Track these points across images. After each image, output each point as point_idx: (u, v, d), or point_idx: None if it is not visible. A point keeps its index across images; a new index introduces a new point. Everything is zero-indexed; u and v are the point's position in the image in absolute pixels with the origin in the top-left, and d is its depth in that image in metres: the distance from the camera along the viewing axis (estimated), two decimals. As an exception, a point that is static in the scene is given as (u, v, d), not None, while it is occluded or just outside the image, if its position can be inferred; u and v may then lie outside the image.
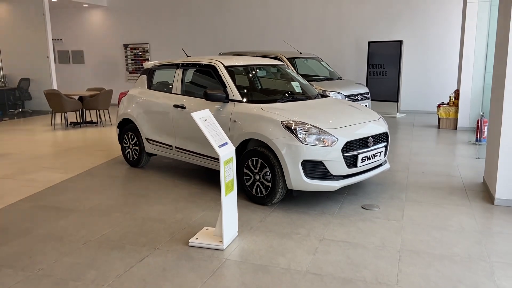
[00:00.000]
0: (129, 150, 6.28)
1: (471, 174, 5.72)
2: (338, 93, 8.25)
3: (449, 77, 11.41)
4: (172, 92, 5.65)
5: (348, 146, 4.35)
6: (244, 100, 4.83)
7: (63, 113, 10.02)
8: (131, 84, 14.89)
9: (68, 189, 5.27)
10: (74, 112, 11.14)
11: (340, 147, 4.27)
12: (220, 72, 5.10)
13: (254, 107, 4.68)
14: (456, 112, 9.12)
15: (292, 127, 4.27)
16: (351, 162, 4.40)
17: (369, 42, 11.40)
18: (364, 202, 4.65)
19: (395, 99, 11.18)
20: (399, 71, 11.11)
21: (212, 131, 3.57)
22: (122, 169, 6.19)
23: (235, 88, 4.92)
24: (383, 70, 11.33)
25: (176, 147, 5.52)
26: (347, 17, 12.12)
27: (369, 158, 4.55)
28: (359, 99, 8.64)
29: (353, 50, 12.23)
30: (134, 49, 14.64)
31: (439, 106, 9.37)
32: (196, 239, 3.66)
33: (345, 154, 4.31)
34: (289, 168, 4.25)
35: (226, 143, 3.64)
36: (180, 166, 6.27)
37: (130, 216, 4.34)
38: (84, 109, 10.29)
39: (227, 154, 3.56)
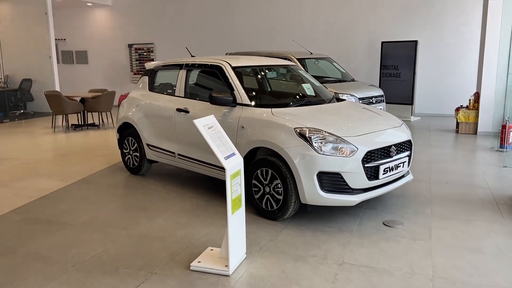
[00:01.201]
0: (129, 156, 5.88)
1: (500, 185, 5.24)
2: (352, 95, 7.80)
3: (467, 79, 10.90)
4: (175, 94, 5.24)
5: (369, 156, 3.91)
6: (253, 104, 4.41)
7: (64, 115, 9.67)
8: (135, 85, 14.51)
9: (63, 199, 4.88)
10: (76, 114, 10.78)
11: (360, 158, 3.83)
12: (227, 73, 4.67)
13: (264, 112, 4.25)
14: (476, 116, 8.62)
15: (307, 135, 3.83)
16: (372, 173, 3.96)
17: (382, 42, 10.93)
18: (385, 217, 4.20)
19: (410, 101, 10.70)
20: (414, 73, 10.62)
21: (218, 140, 3.14)
22: (121, 176, 5.79)
23: (243, 91, 4.49)
24: (397, 71, 10.85)
25: (179, 154, 5.10)
26: (359, 16, 11.66)
27: (391, 169, 4.10)
28: (374, 102, 8.18)
29: (365, 50, 11.76)
30: (139, 49, 14.28)
31: (457, 109, 8.88)
32: (198, 262, 3.24)
33: (365, 165, 3.87)
34: (303, 180, 3.81)
35: (233, 154, 3.21)
36: (183, 173, 5.85)
37: (126, 233, 3.92)
38: (85, 111, 9.93)
39: (234, 166, 3.14)
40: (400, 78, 10.84)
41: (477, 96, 8.80)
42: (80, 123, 10.09)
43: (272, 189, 4.07)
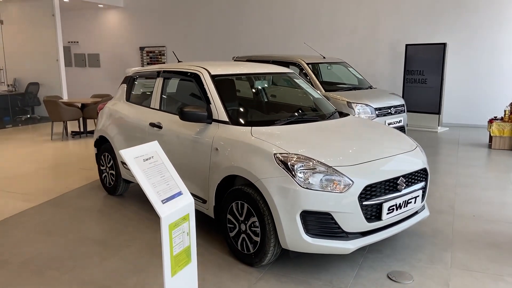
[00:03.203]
0: (106, 174, 5.21)
1: (541, 220, 4.27)
2: (367, 105, 6.90)
3: (502, 86, 9.74)
4: (150, 106, 4.53)
5: (369, 191, 3.06)
6: (232, 121, 3.63)
7: (63, 122, 9.17)
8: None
9: (17, 227, 4.23)
10: (77, 121, 10.29)
11: (356, 193, 2.99)
12: (204, 83, 3.92)
13: (242, 132, 3.46)
14: (513, 129, 7.54)
15: (289, 163, 3.02)
16: (373, 213, 3.10)
17: (406, 45, 9.92)
18: (392, 266, 3.33)
19: (437, 110, 9.64)
20: (442, 79, 9.57)
21: (157, 176, 2.38)
22: (96, 197, 5.12)
23: (220, 105, 3.72)
24: (423, 77, 9.82)
25: (152, 176, 4.37)
26: (381, 15, 10.68)
27: (399, 206, 3.24)
28: (392, 112, 7.24)
29: (387, 54, 10.77)
30: (150, 52, 13.74)
31: (490, 121, 7.81)
32: (134, 332, 2.48)
33: (363, 203, 3.02)
34: (282, 221, 3.01)
35: (179, 193, 2.44)
36: (165, 195, 5.11)
37: (68, 278, 3.21)
38: (85, 118, 9.39)
39: (177, 211, 2.36)
40: (426, 85, 9.81)
41: (514, 106, 7.72)
42: (79, 131, 9.57)
43: (249, 227, 3.28)
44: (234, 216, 3.40)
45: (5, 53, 12.23)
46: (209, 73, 3.99)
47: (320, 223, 2.99)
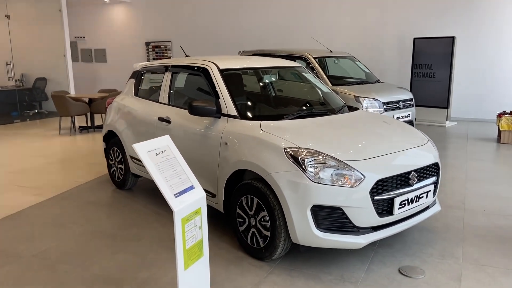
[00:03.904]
0: (114, 168, 5.22)
1: (553, 215, 4.23)
2: (375, 99, 6.85)
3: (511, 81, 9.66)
4: (159, 101, 4.52)
5: (380, 186, 3.04)
6: (241, 115, 3.62)
7: (70, 117, 9.21)
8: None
9: (28, 221, 4.26)
10: (84, 116, 10.32)
11: (368, 188, 2.97)
12: (213, 77, 3.90)
13: (252, 126, 3.45)
14: (522, 123, 7.47)
15: (299, 157, 3.01)
16: (385, 208, 3.09)
17: (414, 39, 9.83)
18: (403, 261, 3.32)
19: (445, 105, 9.57)
20: (451, 73, 9.49)
21: (170, 170, 2.38)
22: (105, 191, 5.14)
23: (229, 99, 3.71)
24: (431, 71, 9.74)
25: (161, 171, 4.37)
26: (389, 8, 10.59)
27: (411, 201, 3.22)
28: (401, 106, 7.19)
29: (395, 48, 10.69)
30: (156, 47, 13.73)
31: (500, 115, 7.74)
32: (146, 326, 2.49)
33: (375, 198, 3.01)
34: (293, 216, 3.00)
35: (191, 187, 2.44)
36: (174, 190, 5.12)
37: (79, 272, 3.23)
38: (92, 113, 9.41)
39: (189, 205, 2.36)
40: (434, 79, 9.73)
41: (523, 100, 7.64)
42: (87, 125, 9.60)
43: (259, 222, 3.28)
44: (243, 211, 3.40)
45: (12, 48, 12.26)
46: (217, 67, 3.98)
47: (331, 218, 2.98)
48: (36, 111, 12.46)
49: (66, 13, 11.97)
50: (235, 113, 3.63)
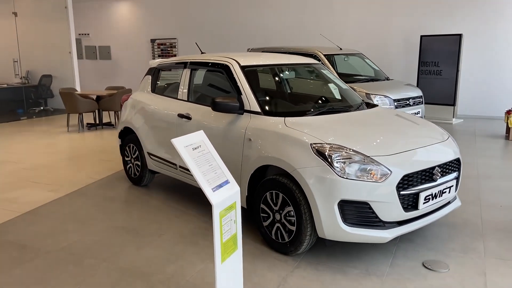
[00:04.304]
0: (130, 165, 5.25)
1: None
2: (386, 97, 6.89)
3: (519, 78, 9.70)
4: (178, 97, 4.55)
5: (406, 181, 3.08)
6: (264, 111, 3.65)
7: (78, 114, 9.22)
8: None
9: (48, 216, 4.29)
10: (92, 113, 10.33)
11: (394, 183, 3.01)
12: (234, 74, 3.93)
13: (276, 122, 3.48)
14: (531, 120, 7.52)
15: (326, 153, 3.05)
16: (410, 203, 3.13)
17: (421, 36, 9.87)
18: (426, 255, 3.36)
19: (452, 102, 9.62)
20: (457, 70, 9.53)
21: (206, 164, 2.41)
22: (121, 188, 5.17)
23: (252, 96, 3.74)
24: (437, 68, 9.78)
25: (180, 167, 4.42)
26: (395, 6, 10.61)
27: (435, 196, 3.26)
28: (411, 104, 7.24)
29: (401, 45, 10.72)
30: (161, 44, 13.73)
31: (508, 112, 7.78)
32: (181, 318, 2.53)
33: (401, 193, 3.05)
34: (320, 210, 3.04)
35: (226, 182, 2.47)
36: (188, 187, 5.16)
37: (106, 266, 3.27)
38: (100, 110, 9.43)
39: (226, 199, 2.40)
40: (441, 76, 9.77)
41: (532, 97, 7.68)
42: (95, 122, 9.62)
43: (284, 217, 3.31)
44: (268, 206, 3.43)
45: (19, 45, 12.26)
46: (238, 64, 4.01)
47: (358, 212, 3.02)
48: (42, 108, 12.46)
49: (71, 10, 11.96)
50: (258, 109, 3.66)
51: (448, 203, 3.58)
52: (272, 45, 12.02)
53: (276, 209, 3.37)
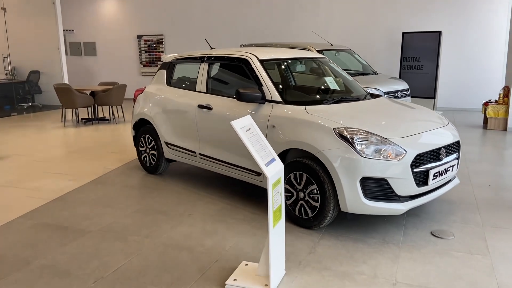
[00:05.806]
0: (146, 154, 5.52)
1: (548, 188, 4.84)
2: (377, 89, 7.37)
3: (494, 72, 10.42)
4: (196, 90, 4.86)
5: (418, 160, 3.52)
6: (284, 101, 4.02)
7: (74, 109, 9.34)
8: (144, 78, 14.14)
9: (77, 202, 4.53)
10: (86, 108, 10.44)
11: (409, 162, 3.44)
12: (254, 67, 4.28)
13: (298, 110, 3.86)
14: (507, 111, 8.18)
15: (348, 136, 3.45)
16: (421, 179, 3.57)
17: (403, 33, 10.46)
18: (432, 226, 3.82)
19: (432, 95, 10.25)
20: (437, 65, 10.16)
21: (257, 144, 2.77)
22: (138, 176, 5.44)
23: (272, 87, 4.10)
24: (418, 63, 10.39)
25: (200, 154, 4.74)
26: (378, 4, 11.17)
27: (441, 173, 3.72)
28: (399, 96, 7.75)
29: (385, 41, 11.29)
30: (148, 40, 13.87)
31: (486, 104, 8.44)
32: (234, 280, 2.88)
33: (414, 170, 3.48)
34: (344, 187, 3.44)
35: (273, 160, 2.84)
36: (202, 173, 5.49)
37: (150, 242, 3.57)
38: (96, 105, 9.57)
39: (276, 174, 2.76)
40: (422, 71, 10.38)
41: (507, 90, 8.35)
42: (90, 117, 9.75)
43: (307, 195, 3.70)
44: (291, 185, 3.81)
45: (9, 41, 12.18)
46: (257, 58, 4.36)
47: (377, 188, 3.44)
48: (30, 104, 12.43)
49: (59, 6, 11.98)
50: (279, 99, 4.02)
51: (449, 181, 4.05)
52: (259, 41, 12.40)
53: (299, 188, 3.75)
